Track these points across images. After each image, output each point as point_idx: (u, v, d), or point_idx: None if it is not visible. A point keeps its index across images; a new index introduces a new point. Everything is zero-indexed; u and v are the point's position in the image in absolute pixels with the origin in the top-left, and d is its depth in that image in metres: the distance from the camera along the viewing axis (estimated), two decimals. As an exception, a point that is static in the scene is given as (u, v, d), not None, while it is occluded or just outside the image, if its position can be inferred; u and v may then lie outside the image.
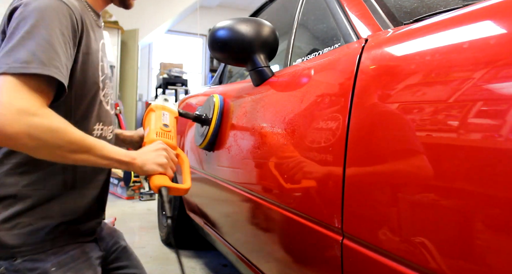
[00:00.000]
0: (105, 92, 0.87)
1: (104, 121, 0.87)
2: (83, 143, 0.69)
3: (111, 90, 0.94)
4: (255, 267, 1.03)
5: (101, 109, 0.85)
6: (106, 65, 0.89)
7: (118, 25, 4.85)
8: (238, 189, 1.07)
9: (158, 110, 0.99)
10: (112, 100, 0.94)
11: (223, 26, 0.96)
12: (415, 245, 0.46)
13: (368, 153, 0.54)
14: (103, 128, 0.87)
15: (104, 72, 0.85)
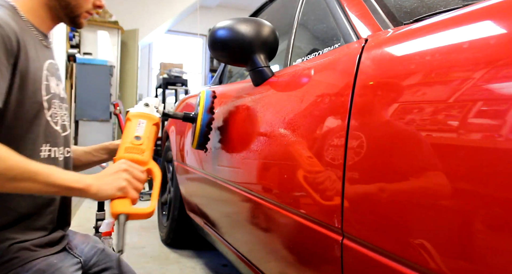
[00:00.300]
0: (52, 112, 0.83)
1: (52, 142, 0.83)
2: (24, 168, 0.64)
3: (64, 112, 0.92)
4: (255, 267, 1.03)
5: (48, 129, 0.82)
6: (56, 86, 0.87)
7: (118, 25, 4.85)
8: (238, 189, 1.07)
9: (134, 119, 0.93)
10: (65, 121, 0.92)
11: (223, 26, 0.96)
12: (415, 245, 0.46)
13: (368, 152, 0.54)
14: (52, 149, 0.84)
15: (50, 92, 0.83)
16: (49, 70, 0.84)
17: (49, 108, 0.82)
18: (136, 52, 5.33)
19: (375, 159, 0.53)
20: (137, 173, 0.80)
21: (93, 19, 4.70)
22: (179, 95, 5.63)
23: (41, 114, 0.80)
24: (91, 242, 0.97)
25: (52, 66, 0.88)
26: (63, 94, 0.92)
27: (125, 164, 0.80)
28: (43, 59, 0.83)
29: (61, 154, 0.88)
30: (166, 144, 2.36)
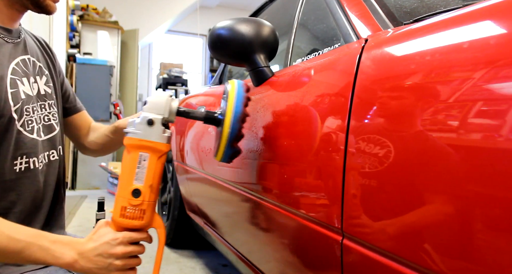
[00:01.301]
0: (24, 120, 0.76)
1: (28, 152, 0.77)
2: (5, 248, 0.60)
3: (48, 110, 0.85)
4: (255, 267, 1.03)
5: (20, 141, 0.75)
6: (32, 85, 0.80)
7: (118, 25, 4.85)
8: (238, 189, 1.07)
9: (133, 152, 0.69)
10: (51, 121, 0.86)
11: (223, 26, 0.96)
12: (415, 245, 0.46)
13: (368, 152, 0.54)
14: (30, 160, 0.78)
15: (21, 98, 0.76)
16: (18, 72, 0.77)
17: (20, 117, 0.76)
18: (136, 52, 5.33)
19: (375, 159, 0.53)
20: (135, 251, 0.69)
21: (93, 19, 4.71)
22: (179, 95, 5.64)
23: (10, 128, 0.73)
24: None
25: (25, 64, 0.80)
26: (44, 90, 0.86)
27: (120, 246, 0.67)
28: (6, 62, 0.75)
29: (41, 162, 0.82)
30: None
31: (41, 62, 0.89)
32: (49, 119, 0.87)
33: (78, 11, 4.55)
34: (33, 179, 0.80)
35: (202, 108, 0.83)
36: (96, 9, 4.91)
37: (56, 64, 0.97)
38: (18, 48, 0.80)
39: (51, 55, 0.95)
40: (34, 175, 0.80)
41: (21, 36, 0.81)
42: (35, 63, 0.85)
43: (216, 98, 1.50)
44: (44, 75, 0.88)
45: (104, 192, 4.08)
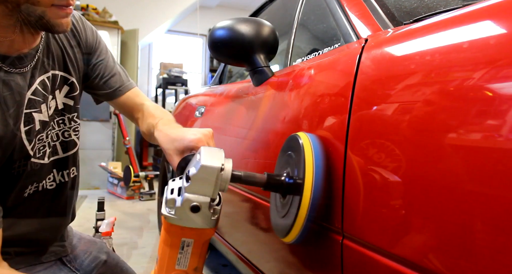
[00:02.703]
0: (36, 148, 0.73)
1: (37, 179, 0.75)
2: None
3: (68, 125, 0.81)
4: (255, 267, 1.03)
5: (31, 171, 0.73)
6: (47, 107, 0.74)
7: (118, 25, 4.85)
8: (238, 189, 1.07)
9: (174, 238, 0.59)
10: (73, 136, 0.82)
11: (223, 26, 0.96)
12: (415, 245, 0.46)
13: (368, 152, 0.54)
14: (39, 184, 0.77)
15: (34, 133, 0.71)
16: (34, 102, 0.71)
17: (33, 148, 0.72)
18: (136, 52, 5.33)
19: (375, 159, 0.53)
20: None
21: (93, 19, 4.70)
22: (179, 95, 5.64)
23: (26, 164, 0.71)
24: (94, 251, 0.93)
25: (44, 85, 0.74)
26: (63, 104, 0.80)
27: None
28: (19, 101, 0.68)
29: (52, 181, 0.79)
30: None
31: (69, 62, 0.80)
32: (69, 135, 0.82)
33: (78, 11, 4.55)
34: (42, 200, 0.78)
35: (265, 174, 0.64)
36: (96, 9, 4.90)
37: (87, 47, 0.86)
38: (36, 70, 0.72)
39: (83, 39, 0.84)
40: (43, 196, 0.78)
41: (38, 54, 0.72)
42: (55, 77, 0.77)
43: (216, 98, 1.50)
44: (66, 85, 0.80)
45: (104, 192, 4.08)
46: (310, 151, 0.59)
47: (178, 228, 0.57)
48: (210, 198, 0.56)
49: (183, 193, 0.56)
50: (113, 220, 1.49)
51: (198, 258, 0.61)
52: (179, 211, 0.56)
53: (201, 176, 0.55)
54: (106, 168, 4.05)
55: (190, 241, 0.59)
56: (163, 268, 0.61)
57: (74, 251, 0.90)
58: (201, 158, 0.55)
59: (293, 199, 0.60)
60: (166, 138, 0.76)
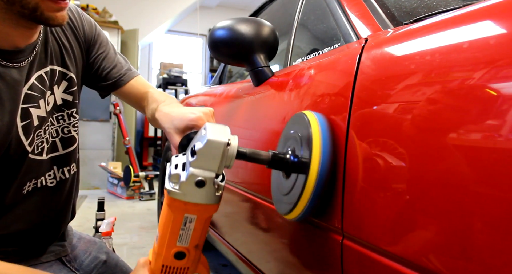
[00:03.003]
0: (35, 145, 0.73)
1: (36, 175, 0.75)
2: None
3: (68, 121, 0.80)
4: (255, 267, 1.03)
5: (29, 167, 0.73)
6: (46, 102, 0.73)
7: (118, 25, 4.85)
8: (238, 189, 1.07)
9: (177, 213, 0.58)
10: (73, 132, 0.81)
11: (223, 26, 0.96)
12: (415, 245, 0.46)
13: (368, 152, 0.54)
14: (38, 181, 0.76)
15: (32, 129, 0.70)
16: (32, 97, 0.71)
17: (32, 144, 0.72)
18: (136, 52, 5.33)
19: (375, 159, 0.53)
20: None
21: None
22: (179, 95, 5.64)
23: (23, 159, 0.71)
24: (94, 251, 0.93)
25: (42, 80, 0.73)
26: (62, 100, 0.79)
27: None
28: (15, 96, 0.67)
29: (52, 178, 0.79)
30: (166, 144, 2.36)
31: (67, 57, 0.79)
32: (69, 131, 0.82)
33: (78, 10, 4.54)
34: (42, 197, 0.78)
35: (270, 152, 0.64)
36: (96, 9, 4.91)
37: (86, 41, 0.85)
38: (33, 65, 0.72)
39: (80, 33, 0.84)
40: (42, 193, 0.78)
41: (36, 49, 0.72)
42: (53, 72, 0.76)
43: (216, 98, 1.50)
44: (64, 81, 0.79)
45: (104, 192, 4.08)
46: (317, 129, 0.59)
47: (182, 203, 0.56)
48: (215, 173, 0.55)
49: (188, 168, 0.55)
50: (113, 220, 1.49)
51: (200, 235, 0.60)
52: (184, 185, 0.55)
53: (207, 151, 0.54)
54: (106, 168, 4.05)
55: (192, 217, 0.57)
56: (163, 245, 0.60)
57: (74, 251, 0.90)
58: (208, 132, 0.54)
59: (298, 177, 0.60)
60: (166, 117, 0.76)
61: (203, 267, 0.67)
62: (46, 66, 0.74)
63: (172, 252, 0.60)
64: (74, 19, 0.83)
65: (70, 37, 0.82)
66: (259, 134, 0.95)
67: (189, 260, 0.62)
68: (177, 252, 0.60)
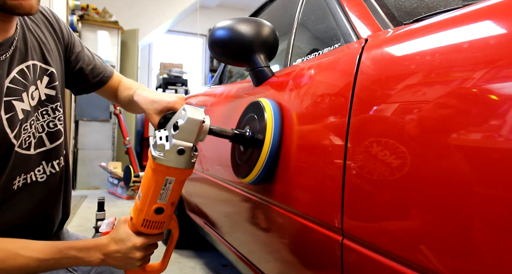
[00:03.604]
0: (22, 139, 0.74)
1: (25, 169, 0.76)
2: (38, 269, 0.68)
3: (53, 115, 0.81)
4: (255, 267, 1.03)
5: (17, 161, 0.73)
6: (31, 96, 0.75)
7: (118, 25, 4.85)
8: (238, 189, 1.07)
9: (159, 175, 0.70)
10: (58, 125, 0.83)
11: (223, 26, 0.96)
12: (415, 245, 0.46)
13: (368, 152, 0.54)
14: (27, 176, 0.77)
15: (16, 122, 0.71)
16: (14, 91, 0.71)
17: (18, 138, 0.73)
18: (136, 52, 5.33)
19: (375, 159, 0.53)
20: (151, 251, 0.79)
21: (93, 19, 4.71)
22: (179, 95, 5.63)
23: (9, 153, 0.71)
24: None
25: (23, 74, 0.74)
26: (45, 95, 0.80)
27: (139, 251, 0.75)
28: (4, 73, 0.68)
29: (42, 173, 0.80)
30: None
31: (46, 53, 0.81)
32: (55, 124, 0.83)
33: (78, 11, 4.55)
34: (32, 192, 0.78)
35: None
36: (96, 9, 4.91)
37: (64, 40, 0.88)
38: (13, 59, 0.72)
39: (57, 31, 0.87)
40: (34, 189, 0.78)
41: (14, 43, 0.73)
42: (35, 67, 0.78)
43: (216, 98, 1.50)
44: (46, 76, 0.81)
45: (104, 192, 4.08)
46: (270, 113, 0.80)
47: (165, 167, 0.68)
48: (192, 144, 0.68)
49: (171, 139, 0.68)
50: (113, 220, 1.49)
51: (176, 195, 0.73)
52: (168, 153, 0.67)
53: (187, 126, 0.68)
54: (106, 168, 4.05)
55: (172, 179, 0.70)
56: (146, 202, 0.72)
57: None
58: (187, 112, 0.68)
59: (254, 150, 0.81)
60: (146, 100, 0.86)
61: (175, 223, 0.81)
62: (27, 60, 0.76)
63: (153, 208, 0.72)
64: (49, 17, 0.86)
65: (47, 34, 0.84)
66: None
67: (166, 215, 0.74)
68: (157, 207, 0.72)
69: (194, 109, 0.70)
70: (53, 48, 0.84)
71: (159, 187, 0.71)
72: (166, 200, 0.72)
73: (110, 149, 4.50)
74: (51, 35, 0.85)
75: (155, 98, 0.84)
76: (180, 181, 0.72)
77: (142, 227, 0.74)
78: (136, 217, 0.75)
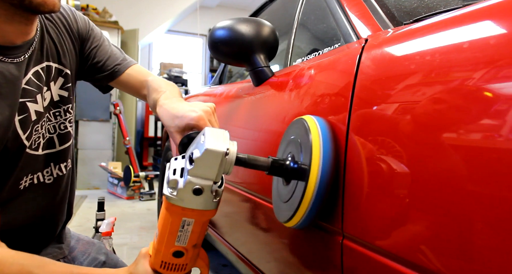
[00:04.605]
0: (33, 140, 0.73)
1: (33, 170, 0.76)
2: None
3: (64, 117, 0.81)
4: (255, 267, 1.03)
5: (26, 161, 0.73)
6: (43, 98, 0.75)
7: (118, 25, 4.85)
8: (238, 189, 1.07)
9: (175, 217, 0.59)
10: (68, 127, 0.82)
11: (223, 26, 0.96)
12: (415, 245, 0.46)
13: (368, 152, 0.54)
14: (34, 176, 0.76)
15: (29, 123, 0.71)
16: (29, 92, 0.72)
17: (29, 139, 0.73)
18: (136, 52, 5.34)
19: (375, 159, 0.53)
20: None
21: (93, 19, 4.71)
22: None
23: (20, 154, 0.71)
24: (93, 252, 0.92)
25: (39, 76, 0.74)
26: (58, 96, 0.80)
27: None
28: (13, 90, 0.68)
29: (49, 175, 0.79)
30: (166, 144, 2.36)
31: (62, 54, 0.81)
32: (65, 126, 0.82)
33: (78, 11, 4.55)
34: (39, 194, 0.78)
35: None
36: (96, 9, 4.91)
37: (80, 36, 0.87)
38: (30, 61, 0.73)
39: (74, 30, 0.86)
40: (40, 190, 0.78)
41: (33, 45, 0.73)
42: (49, 68, 0.78)
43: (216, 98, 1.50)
44: (61, 77, 0.81)
45: (104, 192, 4.08)
46: (317, 134, 0.58)
47: (179, 208, 0.57)
48: (213, 181, 0.55)
49: (185, 175, 0.55)
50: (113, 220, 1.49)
51: (198, 236, 0.62)
52: (181, 192, 0.55)
53: (205, 160, 0.54)
54: (106, 168, 4.05)
55: (190, 221, 0.59)
56: (162, 243, 0.62)
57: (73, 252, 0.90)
58: (206, 140, 0.54)
59: (298, 184, 0.60)
60: (167, 115, 0.75)
61: (202, 262, 0.69)
62: (42, 62, 0.76)
63: (171, 251, 0.62)
64: (67, 16, 0.85)
65: (64, 35, 0.83)
66: (259, 135, 0.95)
67: (188, 258, 0.64)
68: (175, 251, 0.62)
69: (216, 135, 0.55)
70: (70, 48, 0.84)
71: (176, 229, 0.60)
72: (186, 242, 0.61)
73: (110, 149, 4.49)
74: (69, 34, 0.85)
75: (177, 113, 0.73)
76: (201, 222, 0.60)
77: (161, 269, 0.64)
78: (153, 256, 0.65)
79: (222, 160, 0.54)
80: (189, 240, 0.61)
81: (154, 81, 0.89)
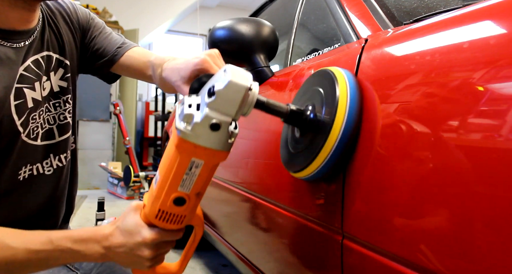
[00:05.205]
0: (30, 129, 0.73)
1: (32, 160, 0.75)
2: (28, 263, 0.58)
3: (64, 107, 0.81)
4: (255, 267, 1.03)
5: (23, 151, 0.72)
6: (42, 87, 0.75)
7: (118, 25, 4.85)
8: (238, 189, 1.07)
9: (183, 156, 0.53)
10: (68, 118, 0.82)
11: (223, 26, 0.96)
12: (415, 245, 0.46)
13: (368, 152, 0.54)
14: (33, 167, 0.76)
15: (25, 110, 0.71)
16: (27, 78, 0.72)
17: (26, 127, 0.72)
18: (136, 52, 5.33)
19: (375, 159, 0.53)
20: (164, 251, 0.65)
21: (93, 19, 4.70)
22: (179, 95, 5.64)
23: (15, 141, 0.71)
24: None
25: (38, 64, 0.75)
26: (58, 86, 0.80)
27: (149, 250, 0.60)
28: (9, 73, 0.68)
29: (49, 166, 0.79)
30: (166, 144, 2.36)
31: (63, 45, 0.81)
32: (65, 117, 0.82)
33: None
34: (39, 185, 0.78)
35: None
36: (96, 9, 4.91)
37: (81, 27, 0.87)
38: (30, 48, 0.73)
39: (74, 21, 0.86)
40: (40, 181, 0.78)
41: (35, 34, 0.74)
42: (50, 58, 0.78)
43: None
44: (61, 68, 0.81)
45: (104, 192, 4.08)
46: (345, 87, 0.55)
47: (192, 146, 0.51)
48: (232, 118, 0.51)
49: (203, 109, 0.51)
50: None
51: (203, 183, 0.58)
52: (197, 127, 0.50)
53: (227, 93, 0.50)
54: (106, 168, 4.05)
55: (200, 162, 0.53)
56: (163, 188, 0.57)
57: None
58: (229, 74, 0.50)
59: (316, 136, 0.58)
60: (171, 72, 0.71)
61: (199, 219, 0.64)
62: (42, 51, 0.76)
63: (172, 197, 0.57)
64: (67, 8, 0.87)
65: (64, 27, 0.84)
66: (259, 135, 0.95)
67: (188, 208, 0.59)
68: (177, 197, 0.57)
69: (239, 72, 0.51)
70: (69, 40, 0.85)
71: (182, 171, 0.54)
72: (190, 188, 0.56)
73: (110, 149, 4.50)
74: (68, 25, 0.85)
75: (180, 64, 0.69)
76: (210, 166, 0.55)
77: (156, 219, 0.59)
78: (150, 205, 0.59)
79: (245, 95, 0.50)
80: (193, 186, 0.56)
81: (158, 58, 0.84)
